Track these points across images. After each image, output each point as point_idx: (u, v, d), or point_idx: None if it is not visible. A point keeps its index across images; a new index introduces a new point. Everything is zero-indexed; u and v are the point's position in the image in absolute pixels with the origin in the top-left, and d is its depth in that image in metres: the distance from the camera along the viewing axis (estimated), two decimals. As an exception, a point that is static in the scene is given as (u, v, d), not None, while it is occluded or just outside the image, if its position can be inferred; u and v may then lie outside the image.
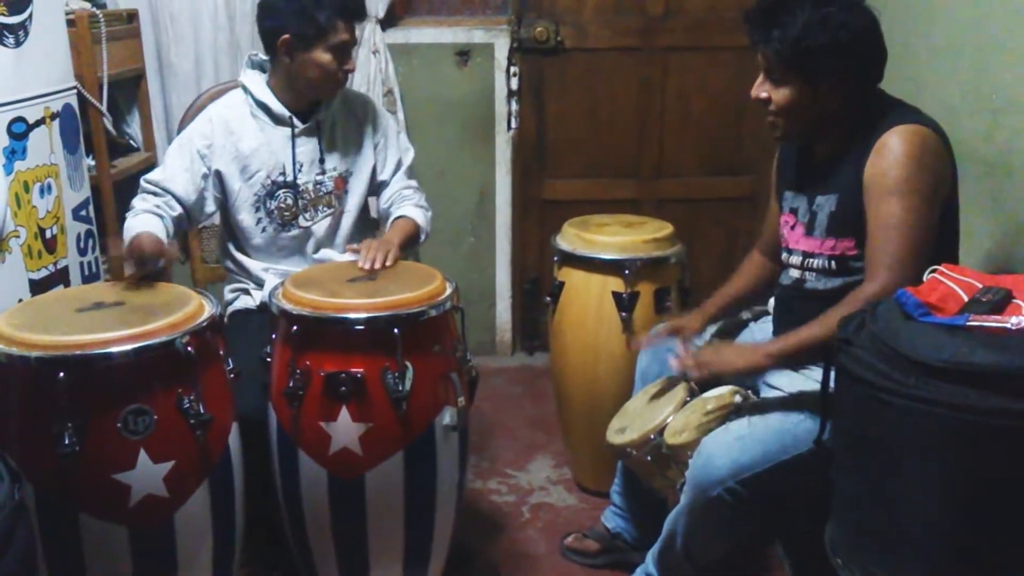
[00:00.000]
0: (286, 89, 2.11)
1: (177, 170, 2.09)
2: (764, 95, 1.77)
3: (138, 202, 2.08)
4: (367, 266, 1.95)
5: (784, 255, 1.91)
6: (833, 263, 1.79)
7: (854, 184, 1.71)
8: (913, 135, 1.66)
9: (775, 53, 1.70)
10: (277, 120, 2.12)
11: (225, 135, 2.10)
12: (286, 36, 2.02)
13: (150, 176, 2.10)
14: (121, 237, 2.03)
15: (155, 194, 2.08)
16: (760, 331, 2.03)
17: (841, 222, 1.75)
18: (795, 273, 1.87)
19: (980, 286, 1.38)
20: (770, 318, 2.01)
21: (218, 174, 2.10)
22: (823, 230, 1.79)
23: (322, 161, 2.17)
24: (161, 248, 1.90)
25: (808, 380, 1.79)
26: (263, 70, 2.18)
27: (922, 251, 1.63)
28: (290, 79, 2.09)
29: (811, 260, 1.82)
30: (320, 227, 2.19)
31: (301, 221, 2.17)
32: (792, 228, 1.88)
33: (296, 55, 2.04)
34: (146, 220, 2.01)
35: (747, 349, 1.82)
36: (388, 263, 1.97)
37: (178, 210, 2.09)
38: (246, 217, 2.15)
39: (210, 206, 2.14)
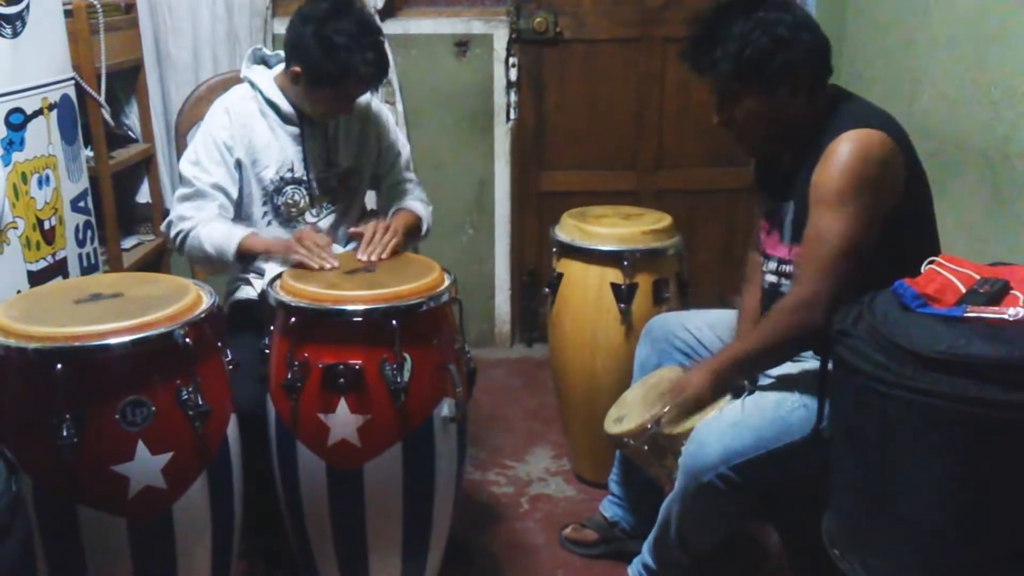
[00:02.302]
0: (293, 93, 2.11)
1: (215, 167, 2.07)
2: (725, 119, 1.77)
3: (192, 210, 2.05)
4: (365, 259, 1.95)
5: (762, 260, 1.91)
6: None
7: (807, 191, 1.70)
8: (858, 142, 1.64)
9: (724, 73, 1.70)
10: (286, 119, 2.12)
11: (240, 127, 2.10)
12: (298, 68, 2.00)
13: (197, 175, 2.07)
14: (189, 246, 2.05)
15: (202, 197, 2.06)
16: None
17: (801, 229, 1.74)
18: (772, 278, 1.87)
19: (978, 277, 1.38)
20: None
21: (238, 163, 2.10)
22: (789, 237, 1.80)
23: (328, 159, 2.17)
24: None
25: (804, 369, 1.79)
26: (267, 64, 2.17)
27: (846, 263, 1.63)
28: (293, 93, 2.09)
29: (784, 267, 1.83)
30: (325, 223, 2.20)
31: (308, 217, 2.17)
32: (768, 234, 1.89)
33: (301, 84, 2.03)
34: (227, 226, 2.04)
35: (698, 370, 1.83)
36: (385, 255, 1.96)
37: (231, 211, 2.10)
38: (252, 211, 2.15)
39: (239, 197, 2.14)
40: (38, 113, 2.22)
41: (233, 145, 2.09)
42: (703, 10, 1.76)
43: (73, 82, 2.42)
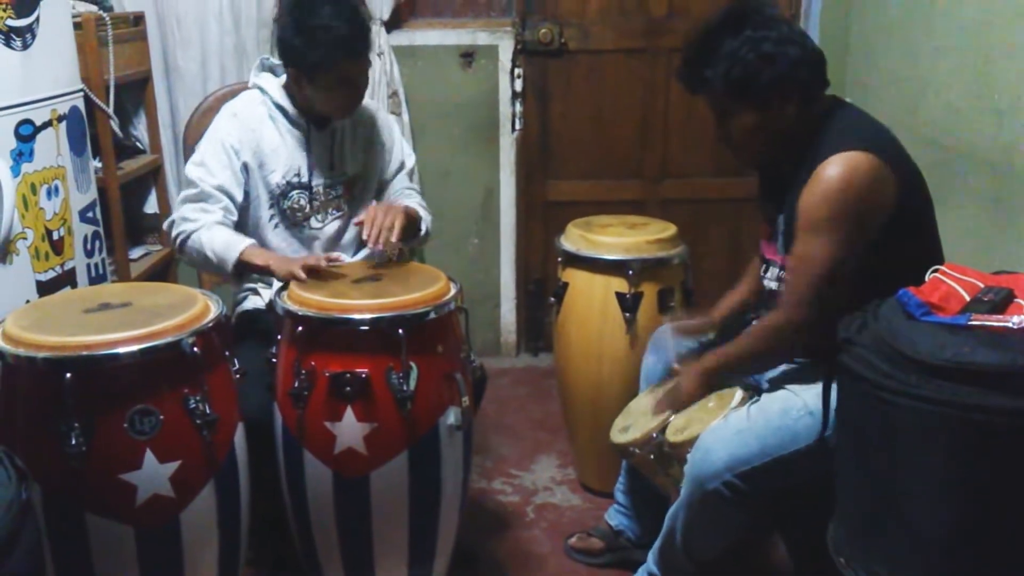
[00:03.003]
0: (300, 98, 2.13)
1: (220, 169, 2.09)
2: (723, 135, 1.81)
3: (197, 212, 2.06)
4: (373, 245, 1.96)
5: (762, 265, 1.94)
6: None
7: (796, 210, 1.73)
8: (845, 168, 1.66)
9: (715, 91, 1.74)
10: (293, 123, 2.14)
11: (248, 131, 2.12)
12: (293, 69, 2.05)
13: (202, 176, 2.08)
14: (190, 248, 2.05)
15: (206, 199, 2.07)
16: None
17: (790, 242, 1.77)
18: (772, 284, 1.89)
19: (982, 286, 1.39)
20: None
21: (245, 166, 2.12)
22: (781, 248, 1.82)
23: (334, 165, 2.19)
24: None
25: (809, 376, 1.80)
26: (275, 73, 2.20)
27: (825, 289, 1.67)
28: (301, 98, 2.12)
29: (782, 274, 1.85)
30: (329, 229, 2.21)
31: (312, 223, 2.19)
32: (769, 241, 1.90)
33: (303, 84, 2.06)
34: (230, 234, 2.05)
35: (691, 371, 1.90)
36: (393, 238, 1.96)
37: (235, 215, 2.11)
38: (260, 214, 2.17)
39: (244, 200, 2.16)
40: (47, 124, 2.24)
41: (240, 148, 2.10)
42: (693, 31, 1.80)
43: (82, 94, 2.44)
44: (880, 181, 1.68)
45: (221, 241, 2.02)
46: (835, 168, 1.66)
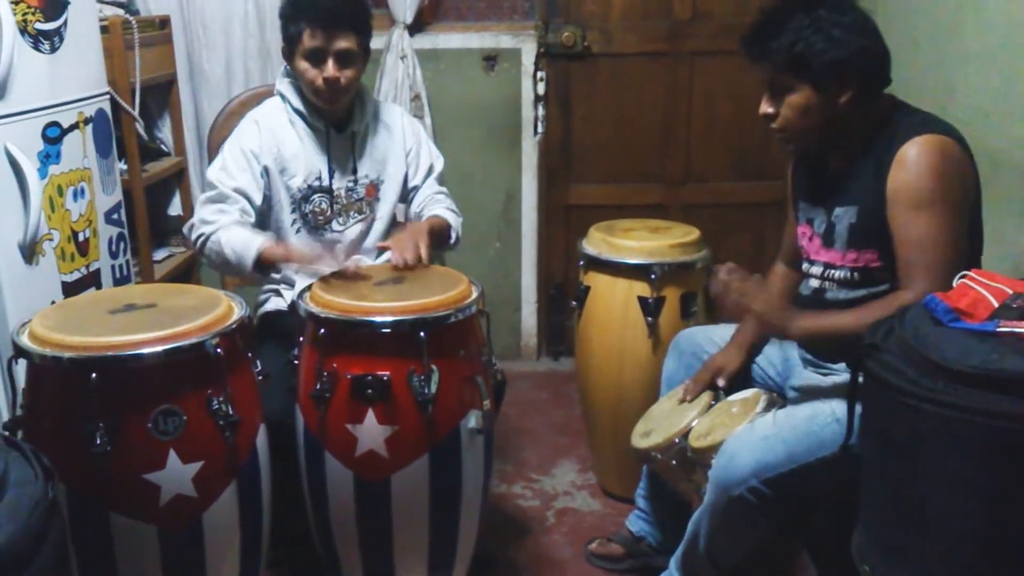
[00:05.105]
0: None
1: (240, 172, 2.11)
2: (771, 110, 1.79)
3: (215, 214, 2.08)
4: (401, 263, 1.95)
5: (805, 265, 1.90)
6: (856, 274, 1.77)
7: (874, 195, 1.70)
8: (933, 145, 1.65)
9: (776, 63, 1.73)
10: (312, 127, 2.15)
11: (269, 136, 2.14)
12: (282, 44, 2.12)
13: (221, 179, 2.10)
14: (210, 249, 2.07)
15: (224, 200, 2.09)
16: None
17: (862, 234, 1.74)
18: (815, 283, 1.86)
19: (1011, 292, 1.37)
20: None
21: (266, 170, 2.14)
22: (843, 242, 1.78)
23: (355, 168, 2.20)
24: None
25: (836, 383, 1.78)
26: (295, 79, 2.22)
27: (955, 260, 1.63)
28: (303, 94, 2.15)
29: (832, 271, 1.81)
30: (352, 232, 2.22)
31: (334, 226, 2.20)
32: (810, 240, 1.87)
33: (290, 62, 2.13)
34: (248, 232, 2.05)
35: (781, 313, 1.78)
36: (423, 254, 1.96)
37: (253, 216, 2.12)
38: (282, 219, 2.18)
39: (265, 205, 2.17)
40: (74, 127, 2.26)
41: (260, 153, 2.12)
42: (766, 4, 1.79)
43: (108, 96, 2.46)
44: (966, 164, 1.68)
45: (240, 240, 2.03)
46: (923, 146, 1.65)
